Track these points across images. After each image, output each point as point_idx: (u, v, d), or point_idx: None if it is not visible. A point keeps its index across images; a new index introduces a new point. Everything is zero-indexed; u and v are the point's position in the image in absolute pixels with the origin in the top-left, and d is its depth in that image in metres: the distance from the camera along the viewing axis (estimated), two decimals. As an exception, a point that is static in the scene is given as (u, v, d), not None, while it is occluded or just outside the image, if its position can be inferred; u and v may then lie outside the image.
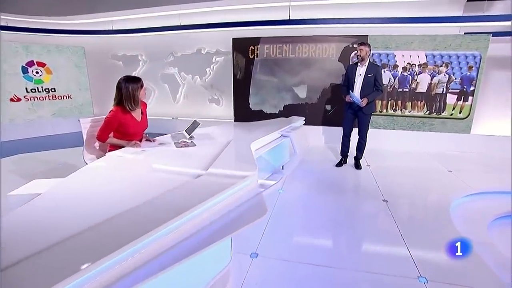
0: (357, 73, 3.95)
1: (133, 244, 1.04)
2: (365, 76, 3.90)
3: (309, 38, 5.40)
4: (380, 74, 3.94)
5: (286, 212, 2.91)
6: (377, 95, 3.99)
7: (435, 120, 5.31)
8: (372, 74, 3.87)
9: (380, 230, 2.61)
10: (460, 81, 5.12)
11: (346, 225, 2.67)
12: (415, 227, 2.60)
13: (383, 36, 5.17)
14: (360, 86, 3.93)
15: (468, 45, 4.99)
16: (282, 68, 5.58)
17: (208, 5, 5.77)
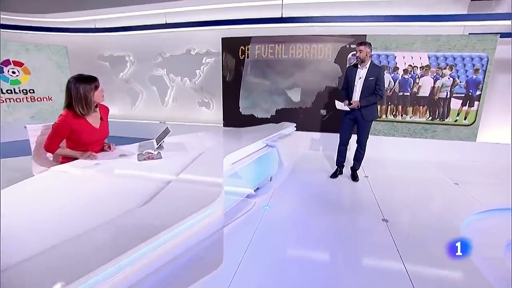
0: (357, 76, 3.56)
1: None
2: (366, 79, 3.50)
3: (303, 37, 5.03)
4: (382, 77, 3.53)
5: (271, 232, 2.52)
6: (374, 100, 3.55)
7: (438, 127, 4.93)
8: (373, 77, 3.47)
9: (379, 258, 2.21)
10: (465, 84, 4.76)
11: (339, 251, 2.27)
12: (421, 255, 2.21)
13: (383, 36, 4.81)
14: (360, 90, 3.53)
15: (474, 46, 4.63)
16: (274, 70, 5.21)
17: (197, 3, 5.41)
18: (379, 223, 2.70)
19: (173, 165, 1.92)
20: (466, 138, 4.88)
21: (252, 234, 2.44)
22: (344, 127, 3.81)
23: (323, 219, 2.77)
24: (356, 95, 3.58)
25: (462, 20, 4.61)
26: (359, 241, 2.45)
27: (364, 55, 3.45)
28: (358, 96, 3.57)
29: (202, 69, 5.99)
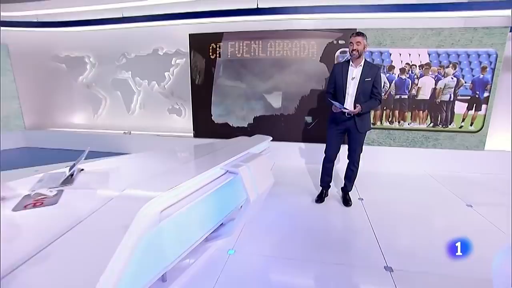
0: (349, 75, 2.91)
1: None
2: (361, 80, 2.88)
3: (283, 33, 4.44)
4: (380, 79, 2.96)
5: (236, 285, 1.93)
6: (375, 105, 2.98)
7: (440, 134, 4.38)
8: (370, 78, 2.86)
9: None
10: (471, 85, 4.21)
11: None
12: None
13: (375, 29, 4.25)
14: (353, 93, 2.91)
15: (480, 40, 4.08)
16: (250, 71, 4.61)
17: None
18: (381, 274, 2.10)
19: (62, 220, 1.32)
20: (473, 146, 4.33)
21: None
22: (331, 139, 3.16)
23: (305, 268, 2.17)
24: (348, 100, 2.94)
25: (466, 10, 4.04)
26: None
27: (362, 48, 2.82)
28: (351, 102, 2.94)
29: (172, 72, 5.36)
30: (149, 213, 1.50)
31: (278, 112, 4.67)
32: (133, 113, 5.72)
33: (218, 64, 4.66)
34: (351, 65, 2.93)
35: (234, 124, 4.80)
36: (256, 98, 4.68)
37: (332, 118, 3.08)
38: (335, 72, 3.03)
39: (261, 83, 4.62)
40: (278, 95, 4.61)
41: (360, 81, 2.87)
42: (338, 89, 3.00)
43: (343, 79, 2.95)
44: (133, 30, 5.20)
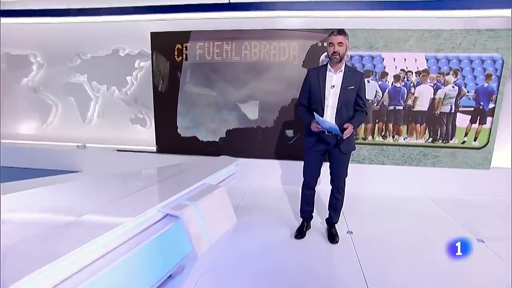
0: (328, 82, 2.42)
1: None
2: (343, 88, 2.40)
3: (260, 32, 3.91)
4: (365, 87, 2.51)
5: None
6: (363, 120, 2.56)
7: (441, 151, 3.91)
8: (353, 86, 2.40)
9: None
10: (474, 95, 3.77)
11: None
12: None
13: (366, 30, 3.77)
14: (335, 105, 2.41)
15: (484, 44, 3.66)
16: (222, 77, 4.06)
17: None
18: None
19: None
20: (478, 165, 3.88)
21: None
22: (310, 163, 2.66)
23: None
24: (328, 114, 2.44)
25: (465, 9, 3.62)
26: None
27: (344, 50, 2.35)
28: (332, 115, 2.43)
29: (135, 76, 4.74)
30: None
31: (255, 125, 4.12)
32: (90, 122, 5.06)
33: (184, 68, 4.08)
34: (329, 70, 2.43)
35: (204, 138, 4.22)
36: (229, 108, 4.12)
37: (309, 136, 2.56)
38: (310, 80, 2.51)
39: (234, 90, 4.07)
40: (255, 105, 4.07)
41: (341, 90, 2.39)
42: (315, 100, 2.49)
43: (320, 87, 2.43)
44: (89, 26, 4.57)
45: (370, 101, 3.90)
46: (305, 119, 2.54)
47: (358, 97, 2.44)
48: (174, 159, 4.06)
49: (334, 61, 2.35)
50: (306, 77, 2.56)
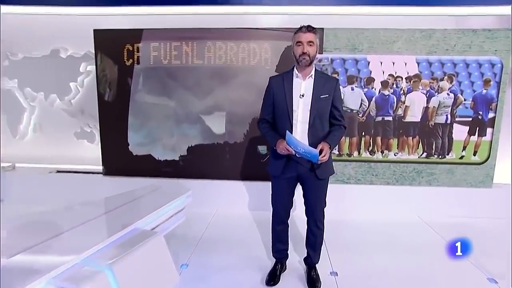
0: (296, 91, 1.98)
1: None
2: (315, 98, 1.96)
3: (226, 32, 3.40)
4: (340, 95, 2.10)
5: None
6: (342, 135, 2.12)
7: (436, 167, 3.49)
8: (327, 95, 1.97)
9: None
10: (472, 103, 3.40)
11: None
12: None
13: (349, 30, 3.35)
14: (306, 119, 1.96)
15: (481, 46, 3.31)
16: (182, 84, 3.50)
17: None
18: None
19: None
20: (478, 183, 3.46)
21: None
22: (279, 193, 2.17)
23: None
24: (298, 130, 1.98)
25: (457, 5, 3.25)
26: None
27: (315, 51, 1.93)
28: (303, 132, 1.98)
29: (80, 82, 4.09)
30: None
31: (221, 140, 3.56)
32: (23, 137, 4.28)
33: (136, 73, 3.48)
34: (296, 76, 1.99)
35: (160, 156, 3.61)
36: (191, 121, 3.54)
37: (276, 159, 2.06)
38: (272, 89, 2.06)
39: (196, 100, 3.51)
40: (221, 117, 3.53)
41: (313, 100, 1.96)
42: (281, 114, 2.03)
43: (286, 97, 1.98)
44: (19, 19, 3.87)
45: (355, 112, 3.46)
46: (270, 139, 2.05)
47: (334, 108, 2.01)
48: (123, 182, 3.46)
49: (303, 64, 1.92)
50: (268, 86, 2.09)
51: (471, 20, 3.42)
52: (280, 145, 1.90)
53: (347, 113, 3.42)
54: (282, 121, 2.01)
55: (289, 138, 1.80)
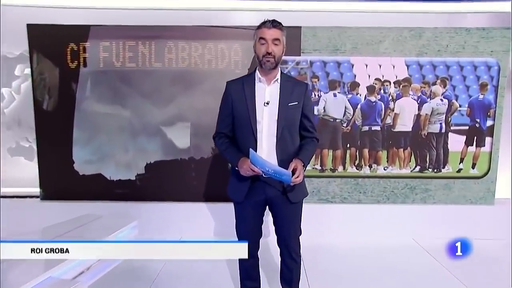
0: (259, 98, 1.68)
1: None
2: (282, 106, 1.67)
3: (190, 30, 2.95)
4: (311, 102, 2.02)
5: None
6: (315, 150, 1.85)
7: (431, 183, 3.11)
8: (296, 102, 1.70)
9: None
10: (468, 110, 3.06)
11: None
12: None
13: (329, 28, 2.97)
14: (273, 131, 1.66)
15: (476, 46, 3.00)
16: (138, 90, 3.00)
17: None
18: None
19: None
20: (479, 199, 3.09)
21: None
22: (245, 222, 1.81)
23: None
24: (264, 146, 1.66)
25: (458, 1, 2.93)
26: None
27: (281, 52, 1.64)
28: (270, 148, 1.67)
29: (16, 87, 3.47)
30: None
31: (186, 156, 3.06)
32: None
33: (82, 77, 2.96)
34: (259, 81, 1.69)
35: (113, 175, 3.05)
36: (149, 134, 3.03)
37: (238, 181, 1.70)
38: (231, 96, 1.72)
39: (156, 109, 3.01)
40: (185, 128, 3.04)
41: (280, 108, 1.67)
42: (242, 126, 1.70)
43: (248, 106, 1.66)
44: None
45: (338, 121, 3.07)
46: (230, 157, 1.70)
47: (304, 117, 1.74)
48: (66, 208, 2.90)
49: (267, 67, 1.61)
50: (225, 93, 1.76)
51: (464, 17, 3.11)
52: (244, 165, 1.57)
53: (329, 123, 3.05)
54: (244, 134, 1.68)
55: (254, 156, 1.47)
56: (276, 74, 1.67)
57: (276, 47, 1.59)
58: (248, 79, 1.72)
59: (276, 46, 1.59)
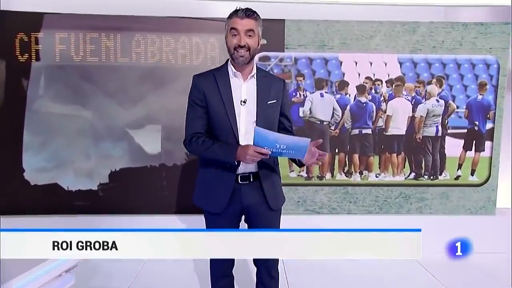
0: (236, 95, 1.51)
1: None
2: (260, 103, 1.51)
3: (161, 21, 2.64)
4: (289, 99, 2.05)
5: None
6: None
7: (428, 191, 2.85)
8: (275, 100, 1.56)
9: None
10: (466, 112, 2.82)
11: None
12: None
13: (316, 22, 2.71)
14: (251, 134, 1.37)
15: (474, 43, 2.78)
16: (101, 88, 2.64)
17: None
18: None
19: None
20: (479, 209, 2.85)
21: None
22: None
23: None
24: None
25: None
26: None
27: (256, 44, 1.48)
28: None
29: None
30: None
31: (156, 162, 2.71)
32: None
33: (35, 72, 2.56)
34: (233, 75, 1.51)
35: (72, 186, 2.66)
36: (114, 138, 2.66)
37: (213, 184, 1.52)
38: (203, 93, 1.50)
39: (122, 110, 2.65)
40: (155, 132, 2.70)
41: (259, 107, 1.51)
42: (220, 127, 1.50)
43: (225, 104, 1.49)
44: None
45: (325, 124, 2.80)
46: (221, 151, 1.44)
47: (283, 117, 1.62)
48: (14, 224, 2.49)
49: (240, 62, 1.45)
50: (195, 88, 1.52)
51: (461, 11, 2.88)
52: (248, 151, 1.33)
53: (315, 126, 2.78)
54: (222, 134, 1.49)
55: (260, 134, 1.28)
56: (252, 69, 1.51)
57: (250, 39, 1.41)
58: (220, 74, 1.51)
59: (250, 38, 1.41)
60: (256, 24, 1.43)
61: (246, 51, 1.41)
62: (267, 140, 1.29)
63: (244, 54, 1.40)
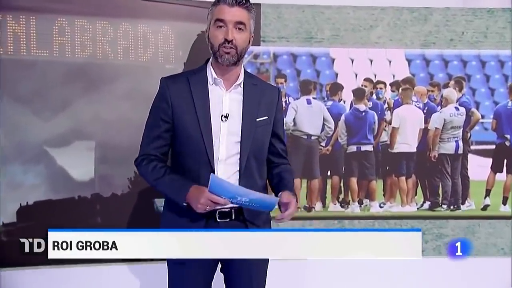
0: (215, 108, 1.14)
1: None
2: (246, 121, 1.14)
3: (96, 3, 2.00)
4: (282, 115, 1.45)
5: None
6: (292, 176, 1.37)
7: (447, 225, 2.22)
8: (266, 116, 1.18)
9: None
10: (494, 122, 2.27)
11: None
12: None
13: (300, 7, 2.13)
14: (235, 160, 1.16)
15: (502, 34, 2.21)
16: (8, 91, 1.93)
17: None
18: None
19: None
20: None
21: None
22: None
23: None
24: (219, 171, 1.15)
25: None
26: None
27: (247, 41, 1.16)
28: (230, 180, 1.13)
29: None
30: None
31: (87, 192, 1.98)
32: None
33: None
34: (213, 82, 1.17)
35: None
36: (26, 158, 1.95)
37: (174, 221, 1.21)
38: (171, 104, 1.18)
39: (38, 120, 1.94)
40: (87, 151, 2.00)
41: (244, 126, 1.17)
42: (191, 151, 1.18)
43: (200, 120, 1.15)
44: None
45: (314, 138, 2.20)
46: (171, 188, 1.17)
47: (276, 138, 1.29)
48: None
49: (226, 62, 1.12)
50: (161, 96, 1.21)
51: None
52: (200, 198, 1.04)
53: (301, 141, 2.18)
54: (192, 161, 1.19)
55: (216, 183, 1.02)
56: (238, 74, 1.23)
57: (240, 34, 1.15)
58: (196, 78, 1.24)
59: (241, 32, 1.16)
60: (249, 16, 1.19)
61: (234, 49, 1.13)
62: (226, 191, 1.07)
63: (230, 51, 1.12)
